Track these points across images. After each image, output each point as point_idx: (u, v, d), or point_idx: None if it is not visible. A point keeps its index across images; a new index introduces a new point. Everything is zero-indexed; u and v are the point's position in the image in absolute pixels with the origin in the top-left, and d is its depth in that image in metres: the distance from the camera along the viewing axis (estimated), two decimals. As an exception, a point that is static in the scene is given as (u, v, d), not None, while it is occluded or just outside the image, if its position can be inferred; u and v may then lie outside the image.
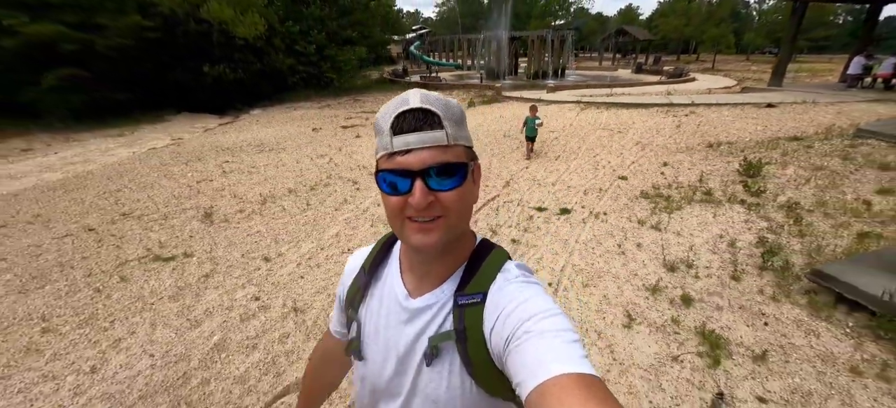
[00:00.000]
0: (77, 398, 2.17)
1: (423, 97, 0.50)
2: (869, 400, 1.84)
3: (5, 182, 6.95)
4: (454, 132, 0.51)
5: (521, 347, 0.44)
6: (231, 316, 2.78)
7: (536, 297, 0.50)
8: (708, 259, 3.11)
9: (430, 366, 0.56)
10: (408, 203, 0.50)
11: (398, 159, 0.49)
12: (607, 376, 2.09)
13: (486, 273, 0.56)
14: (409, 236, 0.52)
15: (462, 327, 0.53)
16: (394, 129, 0.49)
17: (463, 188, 0.51)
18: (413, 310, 0.58)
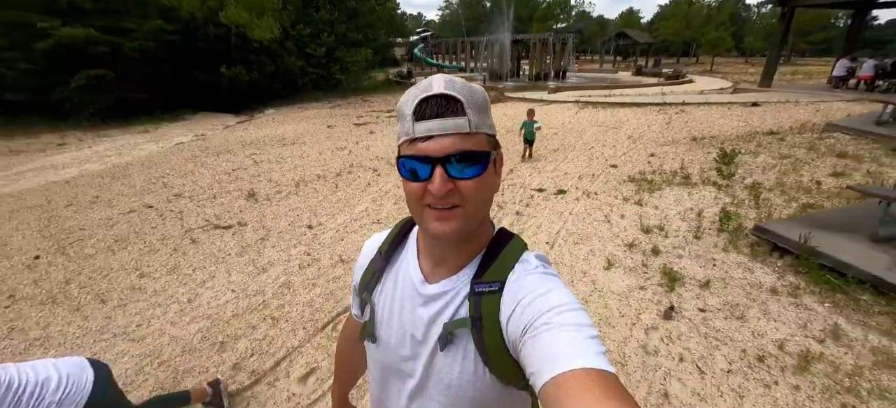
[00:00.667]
0: (183, 317, 2.87)
1: (448, 83, 0.50)
2: (779, 308, 2.52)
3: (51, 172, 7.68)
4: (477, 120, 0.50)
5: (539, 338, 0.44)
6: (290, 265, 3.48)
7: (557, 290, 0.50)
8: (677, 225, 3.79)
9: (443, 351, 0.56)
10: (427, 190, 0.50)
11: (419, 145, 0.49)
12: (588, 300, 2.78)
13: (505, 262, 0.56)
14: (428, 224, 0.52)
15: (478, 314, 0.53)
16: (416, 114, 0.49)
17: (483, 177, 0.51)
18: (429, 295, 0.59)
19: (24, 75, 12.33)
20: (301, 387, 2.19)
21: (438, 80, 0.50)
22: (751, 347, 2.23)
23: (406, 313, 0.61)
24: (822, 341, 2.23)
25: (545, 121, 9.68)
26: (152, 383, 2.27)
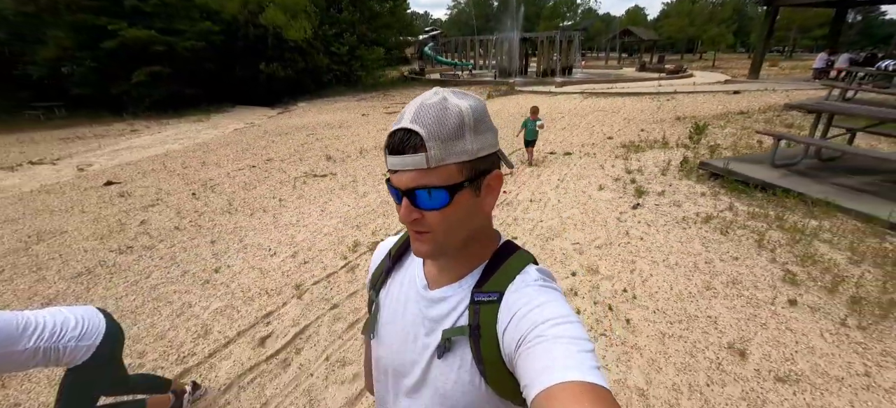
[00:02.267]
0: (323, 217, 4.52)
1: (416, 114, 0.50)
2: (704, 200, 4.12)
3: (139, 150, 9.40)
4: (440, 153, 0.49)
5: (533, 350, 0.45)
6: (380, 196, 5.13)
7: (553, 302, 0.51)
8: (651, 169, 5.39)
9: (441, 358, 0.58)
10: None
11: (391, 176, 0.53)
12: (586, 203, 4.39)
13: (506, 273, 0.57)
14: (411, 241, 0.57)
15: (476, 323, 0.55)
16: (388, 146, 0.52)
17: (450, 208, 0.51)
18: (430, 299, 0.61)
19: (90, 72, 14.18)
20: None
21: (410, 110, 0.50)
22: (680, 215, 3.84)
23: (408, 316, 0.63)
24: (721, 211, 3.84)
25: (554, 107, 11.31)
26: (326, 242, 3.91)
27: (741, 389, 1.97)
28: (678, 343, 2.30)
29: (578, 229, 3.82)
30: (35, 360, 1.37)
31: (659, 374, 2.10)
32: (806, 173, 4.30)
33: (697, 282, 2.84)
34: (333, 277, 3.27)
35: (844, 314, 2.39)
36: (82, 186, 6.41)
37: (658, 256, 3.20)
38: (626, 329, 2.44)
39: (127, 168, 7.52)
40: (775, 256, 3.05)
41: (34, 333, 1.36)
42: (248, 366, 2.35)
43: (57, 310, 1.48)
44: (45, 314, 1.43)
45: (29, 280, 3.49)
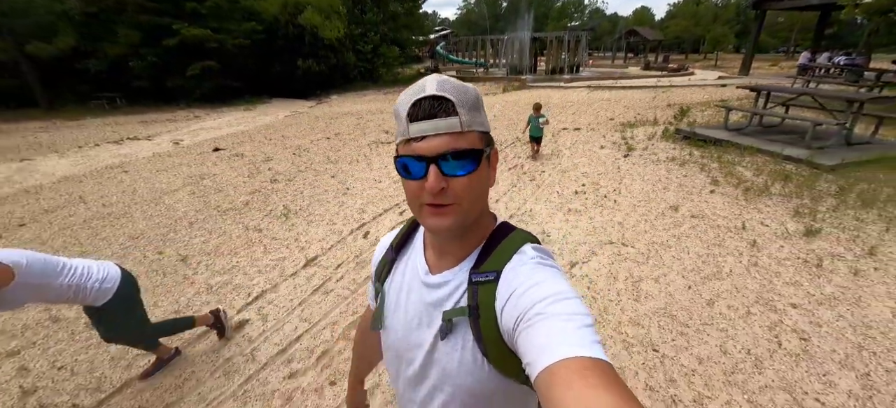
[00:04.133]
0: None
1: (440, 84, 0.53)
2: (673, 152, 5.98)
3: (213, 131, 11.34)
4: (469, 118, 0.53)
5: (533, 328, 0.47)
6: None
7: (551, 279, 0.52)
8: (641, 137, 7.25)
9: (444, 340, 0.60)
10: (424, 188, 0.53)
11: (414, 145, 0.53)
12: (591, 154, 6.25)
13: (503, 253, 0.59)
14: (426, 219, 0.57)
15: (475, 303, 0.57)
16: (410, 116, 0.53)
17: (476, 174, 0.54)
18: (432, 284, 0.63)
19: (150, 66, 16.22)
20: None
21: (431, 82, 0.53)
22: (655, 159, 5.71)
23: (412, 302, 0.66)
24: (682, 155, 5.70)
25: (564, 98, 13.18)
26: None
27: (672, 220, 3.85)
28: (642, 207, 4.18)
29: (585, 167, 5.70)
30: (68, 294, 1.78)
31: (630, 218, 3.98)
32: (749, 134, 6.16)
33: (658, 186, 4.71)
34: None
35: (739, 195, 4.25)
36: (195, 151, 8.36)
37: (636, 176, 5.09)
38: (615, 205, 4.32)
39: (219, 141, 9.45)
40: (709, 173, 4.92)
41: (69, 273, 1.77)
42: (397, 223, 4.25)
43: (85, 260, 1.88)
44: (77, 261, 1.84)
45: (217, 198, 5.40)
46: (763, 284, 2.84)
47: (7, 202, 5.75)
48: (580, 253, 3.43)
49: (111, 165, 7.76)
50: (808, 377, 2.08)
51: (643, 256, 3.32)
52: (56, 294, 1.75)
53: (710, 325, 2.51)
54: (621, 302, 2.77)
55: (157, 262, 3.70)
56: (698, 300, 2.74)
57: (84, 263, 1.88)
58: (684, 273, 3.04)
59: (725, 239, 3.48)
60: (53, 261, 1.76)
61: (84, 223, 4.75)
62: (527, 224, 4.03)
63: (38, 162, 8.34)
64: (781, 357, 2.23)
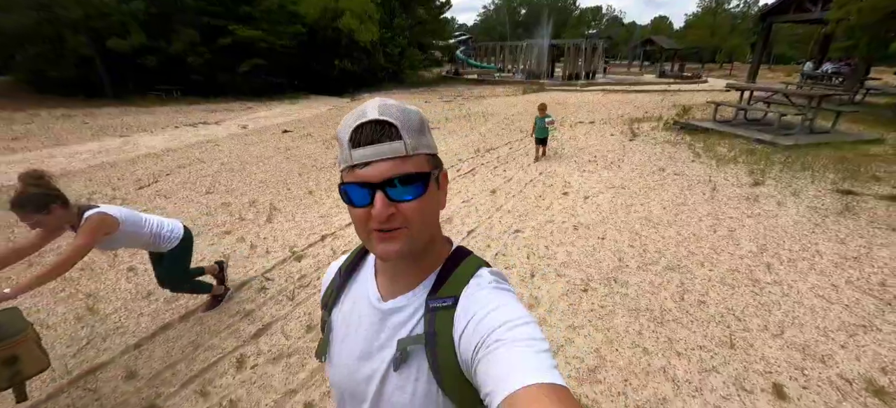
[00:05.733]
0: (457, 141, 8.02)
1: (382, 108, 0.51)
2: (670, 137, 7.44)
3: (269, 119, 13.11)
4: (413, 141, 0.52)
5: (491, 355, 0.46)
6: (472, 132, 8.61)
7: (508, 304, 0.52)
8: (646, 128, 8.71)
9: (397, 371, 0.57)
10: (371, 215, 0.51)
11: (358, 172, 0.51)
12: (601, 138, 7.75)
13: (460, 278, 0.58)
14: (375, 246, 0.54)
15: (433, 330, 0.55)
16: (352, 141, 0.51)
17: (425, 198, 0.53)
18: (384, 311, 0.61)
19: (204, 64, 18.24)
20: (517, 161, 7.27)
21: (372, 106, 0.52)
22: (653, 141, 7.17)
23: (361, 331, 0.62)
24: (675, 139, 7.15)
25: (581, 99, 14.67)
26: (464, 147, 7.38)
27: (660, 177, 5.35)
28: (638, 169, 5.68)
29: (597, 147, 7.21)
30: (148, 239, 2.36)
31: (629, 175, 5.51)
32: (734, 125, 7.58)
33: (653, 157, 6.20)
34: (478, 152, 6.74)
35: (713, 164, 5.72)
36: (267, 133, 10.10)
37: (637, 152, 6.59)
38: (619, 168, 5.83)
39: (284, 125, 11.19)
40: (694, 151, 6.40)
41: (149, 225, 2.35)
42: (490, 184, 5.82)
43: (158, 216, 2.45)
44: (153, 217, 2.40)
45: (308, 161, 7.05)
46: (713, 207, 4.33)
47: (136, 163, 7.51)
48: (592, 193, 4.95)
49: (199, 141, 9.54)
50: (728, 246, 3.58)
51: (635, 195, 4.82)
52: (141, 240, 2.34)
53: (673, 225, 4.01)
54: (617, 216, 4.28)
55: (289, 195, 5.33)
56: (667, 214, 4.23)
57: (158, 219, 2.43)
58: (662, 203, 4.54)
59: (695, 187, 4.97)
60: (140, 216, 2.32)
61: (215, 174, 6.44)
62: (552, 181, 5.55)
63: (135, 138, 10.19)
64: (715, 237, 3.72)
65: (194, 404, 2.14)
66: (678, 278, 3.12)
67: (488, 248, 3.71)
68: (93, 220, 2.01)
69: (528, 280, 3.17)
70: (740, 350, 2.39)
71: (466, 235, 3.96)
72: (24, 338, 1.69)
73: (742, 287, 2.99)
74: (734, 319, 2.66)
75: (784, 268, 3.22)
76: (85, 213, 2.03)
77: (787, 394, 2.09)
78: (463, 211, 4.59)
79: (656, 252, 3.50)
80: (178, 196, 5.42)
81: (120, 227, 2.15)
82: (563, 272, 3.26)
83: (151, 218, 2.40)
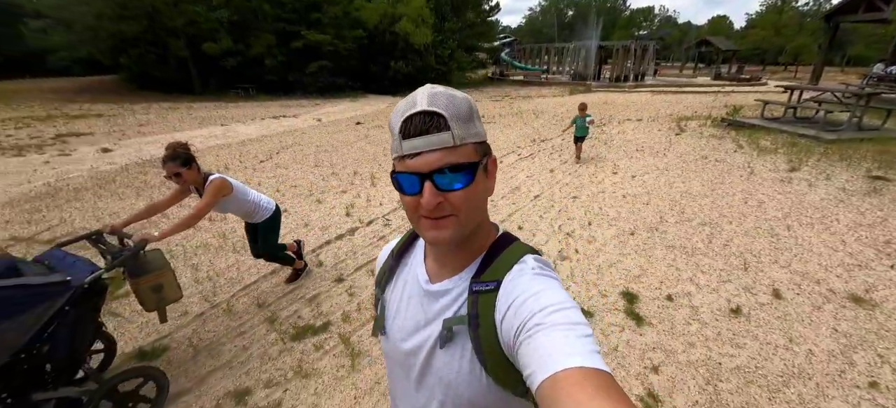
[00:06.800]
0: (511, 133, 9.08)
1: (431, 98, 0.54)
2: (717, 133, 8.03)
3: (338, 113, 14.76)
4: (461, 131, 0.54)
5: (533, 338, 0.48)
6: (526, 125, 9.60)
7: (550, 289, 0.53)
8: (693, 125, 9.27)
9: (443, 348, 0.62)
10: (420, 203, 0.55)
11: (408, 162, 0.54)
12: (649, 132, 8.47)
13: (503, 263, 0.60)
14: (424, 232, 0.59)
15: (475, 312, 0.58)
16: (403, 132, 0.54)
17: (472, 187, 0.55)
18: (432, 293, 0.65)
19: (278, 65, 20.53)
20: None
21: (422, 96, 0.54)
22: (699, 135, 7.81)
23: (411, 310, 0.68)
24: (721, 134, 7.74)
25: (628, 99, 15.17)
26: (528, 140, 8.42)
27: (702, 163, 6.09)
28: (682, 157, 6.44)
29: (644, 139, 7.98)
30: (250, 209, 2.74)
31: (672, 161, 6.29)
32: (781, 122, 8.02)
33: (697, 148, 6.91)
34: (535, 142, 7.76)
35: (754, 153, 6.35)
36: (341, 124, 11.65)
37: (682, 144, 7.30)
38: (664, 156, 6.61)
39: (354, 118, 12.75)
40: (738, 143, 7.02)
41: (252, 196, 2.76)
42: (548, 165, 6.87)
43: (257, 192, 2.86)
44: (253, 191, 2.81)
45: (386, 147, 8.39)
46: (748, 186, 5.08)
47: (245, 145, 9.19)
48: (638, 173, 5.82)
49: (285, 130, 11.22)
50: (755, 211, 4.38)
51: (677, 175, 5.63)
52: (244, 208, 2.71)
53: (709, 196, 4.83)
54: (660, 190, 5.15)
55: (381, 168, 6.62)
56: (705, 189, 5.05)
57: (257, 193, 2.83)
58: (701, 182, 5.34)
59: (734, 171, 5.69)
60: (246, 188, 2.72)
61: (315, 153, 7.91)
62: (603, 164, 6.44)
63: (233, 127, 12.09)
64: (746, 206, 4.52)
65: (340, 300, 3.35)
66: (708, 230, 3.99)
67: (552, 206, 4.74)
68: (216, 182, 2.43)
69: (586, 227, 4.17)
70: (752, 272, 3.27)
71: (534, 199, 5.01)
72: (167, 271, 2.15)
73: (762, 238, 3.81)
74: (751, 255, 3.52)
75: (802, 228, 3.99)
76: (209, 177, 2.46)
77: (783, 296, 2.96)
78: (528, 183, 5.64)
79: (692, 214, 4.37)
80: (293, 168, 6.89)
81: (233, 192, 2.54)
82: (613, 223, 4.23)
83: (253, 192, 2.79)
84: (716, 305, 2.87)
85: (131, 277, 2.05)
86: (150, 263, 2.11)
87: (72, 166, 7.28)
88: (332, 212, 4.81)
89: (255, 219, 2.82)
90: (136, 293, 2.10)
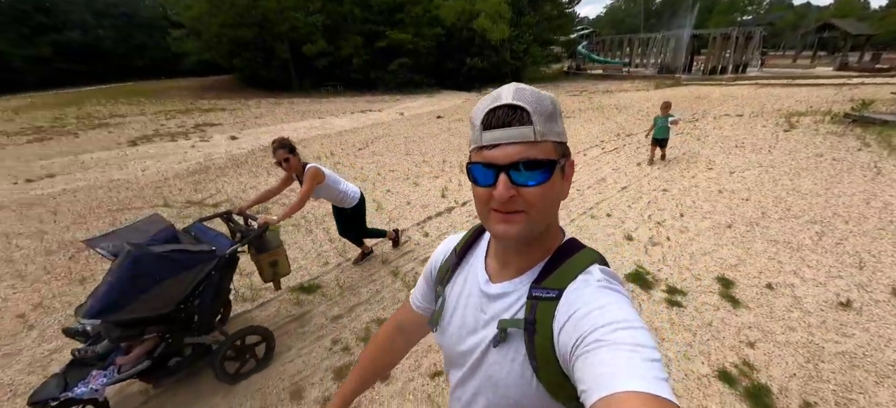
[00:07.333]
0: (594, 127, 9.06)
1: (516, 92, 0.54)
2: (837, 129, 7.20)
3: (417, 108, 15.62)
4: (544, 128, 0.54)
5: (592, 354, 0.46)
6: (607, 122, 9.45)
7: (616, 305, 0.51)
8: (807, 121, 8.37)
9: (496, 348, 0.63)
10: (492, 195, 0.55)
11: (486, 153, 0.55)
12: (751, 129, 7.87)
13: (568, 271, 0.59)
14: (493, 226, 0.58)
15: (532, 318, 0.57)
16: (484, 123, 0.55)
17: (548, 185, 0.55)
18: (490, 294, 0.66)
19: (363, 64, 22.24)
20: (648, 135, 8.03)
21: (508, 90, 0.55)
22: (815, 132, 7.09)
23: (469, 309, 0.69)
24: (843, 130, 6.94)
25: (727, 92, 13.92)
26: (612, 134, 8.39)
27: (815, 161, 5.62)
28: (791, 154, 5.98)
29: (745, 137, 7.46)
30: (339, 196, 3.06)
31: (779, 158, 5.88)
32: (924, 118, 6.95)
33: (811, 146, 6.34)
34: (619, 136, 7.71)
35: (883, 153, 5.68)
36: (423, 117, 12.43)
37: (792, 140, 6.73)
38: (769, 153, 6.20)
39: (435, 112, 13.51)
40: (863, 141, 6.30)
41: (341, 184, 3.06)
42: (635, 158, 6.92)
43: (346, 181, 3.15)
44: (343, 180, 3.10)
45: (472, 137, 8.87)
46: (872, 187, 4.65)
47: (342, 135, 10.30)
48: (737, 169, 5.58)
49: (373, 123, 12.28)
50: (879, 214, 4.06)
51: (784, 173, 5.30)
52: (334, 195, 3.02)
53: (822, 195, 4.53)
54: (763, 187, 4.92)
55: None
56: (818, 187, 4.73)
57: (346, 182, 3.15)
58: (813, 180, 4.98)
59: (855, 170, 5.19)
60: (337, 176, 3.05)
61: (405, 143, 8.69)
62: (696, 160, 6.23)
63: (329, 120, 13.51)
64: (867, 207, 4.19)
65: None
66: (818, 228, 3.82)
67: (640, 197, 4.83)
68: (311, 169, 2.78)
69: (678, 218, 4.22)
70: (868, 270, 3.14)
71: (621, 190, 5.13)
72: (282, 250, 2.54)
73: (885, 239, 3.57)
74: (869, 255, 3.34)
75: (939, 232, 3.64)
76: (306, 165, 2.81)
77: (905, 296, 2.84)
78: (614, 175, 5.73)
79: (799, 211, 4.18)
80: (387, 155, 7.70)
81: (325, 180, 2.85)
82: (707, 216, 4.22)
83: (343, 181, 3.12)
84: (822, 297, 2.86)
85: (256, 252, 2.43)
86: (269, 241, 2.46)
87: (212, 150, 8.92)
88: (428, 193, 5.42)
89: (344, 205, 3.13)
90: (257, 265, 2.49)
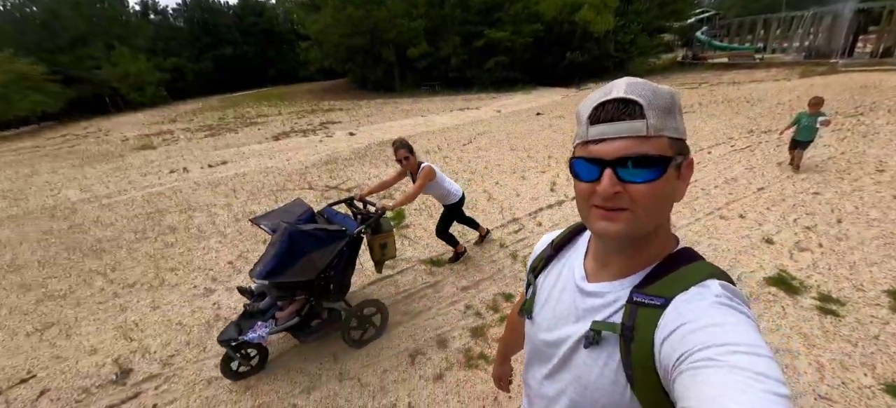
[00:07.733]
0: (709, 125, 8.21)
1: (629, 85, 0.52)
2: None
3: (513, 105, 15.63)
4: (658, 122, 0.51)
5: (702, 372, 0.43)
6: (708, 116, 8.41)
7: (738, 325, 0.46)
8: None
9: (586, 349, 0.60)
10: (595, 191, 0.53)
11: (591, 148, 0.53)
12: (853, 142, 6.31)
13: (680, 280, 0.55)
14: (593, 222, 0.56)
15: (632, 324, 0.54)
16: (591, 118, 0.54)
17: (658, 184, 0.51)
18: (585, 292, 0.63)
19: (460, 63, 23.01)
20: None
21: (620, 85, 0.53)
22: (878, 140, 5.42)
23: (562, 304, 0.67)
24: None
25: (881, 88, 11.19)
26: (743, 130, 7.56)
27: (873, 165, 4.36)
28: None
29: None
30: (444, 193, 3.30)
31: None
32: None
33: None
34: (752, 133, 6.90)
35: None
36: (522, 114, 12.48)
37: None
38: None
39: (534, 109, 13.49)
40: None
41: (446, 183, 3.29)
42: (775, 158, 6.27)
43: (451, 180, 3.39)
44: (448, 179, 3.35)
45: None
46: None
47: (447, 131, 10.90)
48: (921, 172, 4.62)
49: (472, 120, 12.71)
50: None
51: None
52: (440, 192, 3.30)
53: None
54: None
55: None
56: None
57: (451, 181, 3.40)
58: None
59: None
60: (443, 176, 3.28)
61: (507, 138, 8.92)
62: (861, 160, 5.28)
63: (430, 117, 14.37)
64: None
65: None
66: None
67: (783, 200, 4.33)
68: (425, 168, 3.08)
69: (834, 224, 3.72)
70: None
71: (757, 191, 4.65)
72: (392, 234, 2.80)
73: None
74: None
75: None
76: (421, 164, 3.12)
77: None
78: (747, 175, 5.20)
79: None
80: (492, 151, 8.03)
81: (436, 178, 3.15)
82: (876, 224, 3.64)
83: (448, 180, 3.39)
84: None
85: (372, 233, 2.73)
86: (383, 225, 2.76)
87: (336, 144, 10.30)
88: (537, 186, 5.59)
89: (447, 201, 3.41)
90: (369, 245, 2.79)
